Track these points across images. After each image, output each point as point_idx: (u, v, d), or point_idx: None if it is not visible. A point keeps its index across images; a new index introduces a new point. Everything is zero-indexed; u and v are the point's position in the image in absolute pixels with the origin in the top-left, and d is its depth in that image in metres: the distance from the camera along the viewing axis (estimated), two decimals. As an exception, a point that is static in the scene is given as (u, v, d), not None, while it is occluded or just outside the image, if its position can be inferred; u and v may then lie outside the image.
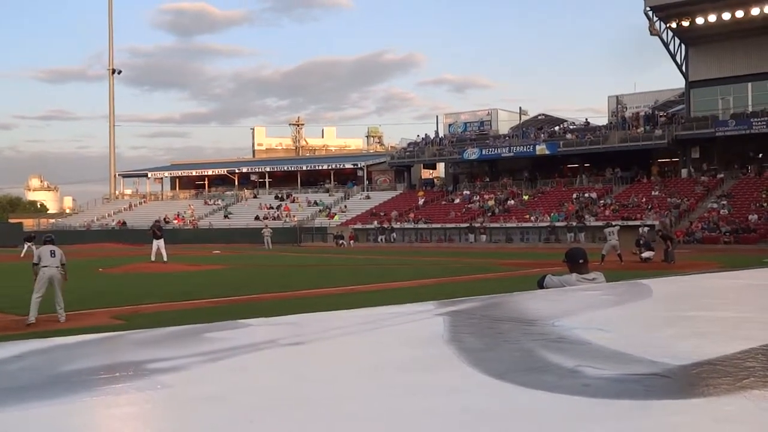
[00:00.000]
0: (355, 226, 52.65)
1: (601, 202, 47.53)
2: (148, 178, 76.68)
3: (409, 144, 64.96)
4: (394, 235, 50.25)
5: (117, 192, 76.67)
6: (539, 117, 63.14)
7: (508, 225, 47.52)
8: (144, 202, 72.73)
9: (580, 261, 5.52)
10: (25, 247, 36.82)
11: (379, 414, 1.14)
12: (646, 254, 24.87)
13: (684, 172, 49.13)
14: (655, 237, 28.92)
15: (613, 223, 32.70)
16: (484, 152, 56.68)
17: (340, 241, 48.27)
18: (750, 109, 47.69)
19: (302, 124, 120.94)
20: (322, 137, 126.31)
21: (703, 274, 4.73)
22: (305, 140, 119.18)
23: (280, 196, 65.02)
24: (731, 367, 1.38)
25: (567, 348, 1.61)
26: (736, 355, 1.46)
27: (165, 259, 27.37)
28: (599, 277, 5.37)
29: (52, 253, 12.06)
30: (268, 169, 70.95)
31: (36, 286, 11.78)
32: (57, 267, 11.95)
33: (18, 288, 17.92)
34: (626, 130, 51.75)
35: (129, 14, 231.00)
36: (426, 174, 67.17)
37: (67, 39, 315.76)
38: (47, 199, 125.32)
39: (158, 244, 28.09)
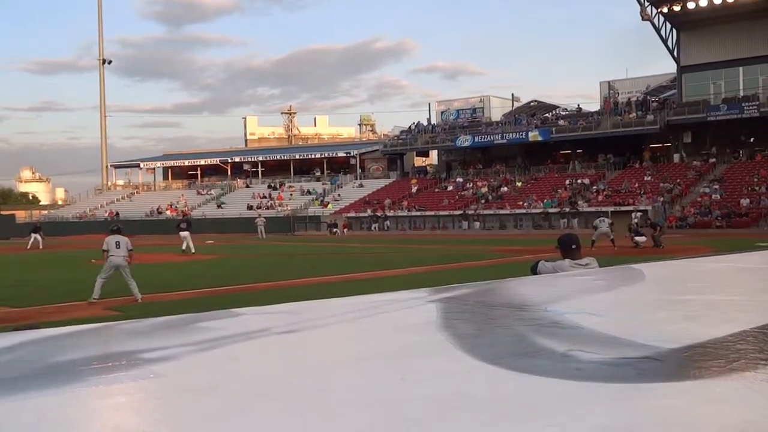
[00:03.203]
0: (349, 215, 52.64)
1: (594, 187, 47.63)
2: (141, 168, 76.39)
3: (401, 132, 64.87)
4: (388, 223, 50.26)
5: (109, 183, 76.37)
6: (531, 103, 63.11)
7: (502, 212, 47.60)
8: (137, 192, 72.49)
9: (573, 247, 5.52)
10: (32, 238, 36.83)
11: (373, 400, 1.14)
12: (638, 239, 25.05)
13: (676, 157, 49.25)
14: (645, 223, 29.11)
15: (608, 213, 32.86)
16: (476, 139, 56.66)
17: (334, 230, 48.29)
18: (741, 93, 47.78)
19: (294, 113, 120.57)
20: (315, 126, 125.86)
21: (695, 258, 4.75)
22: (297, 129, 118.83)
23: (272, 185, 64.89)
24: (722, 350, 1.39)
25: (559, 333, 1.62)
26: (727, 338, 1.47)
27: (183, 248, 27.39)
28: (592, 262, 5.37)
29: (117, 244, 13.45)
30: (260, 159, 70.80)
31: (103, 269, 13.40)
32: (122, 256, 13.36)
33: (10, 279, 17.88)
34: (619, 115, 51.80)
35: (118, 4, 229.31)
36: (419, 162, 67.13)
37: (57, 30, 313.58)
38: (39, 191, 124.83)
39: (184, 235, 28.03)
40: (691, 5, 46.08)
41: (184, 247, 27.44)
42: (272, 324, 1.84)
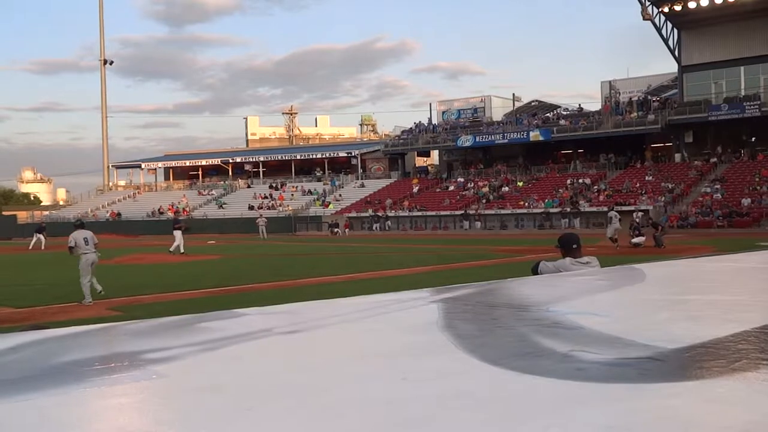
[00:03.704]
0: (350, 215, 52.65)
1: (595, 187, 47.61)
2: (142, 168, 76.48)
3: (402, 132, 64.87)
4: (389, 223, 50.26)
5: (111, 183, 76.41)
6: (533, 103, 63.09)
7: (503, 212, 47.58)
8: (138, 193, 72.51)
9: (574, 246, 5.53)
10: (35, 238, 36.80)
11: (374, 400, 1.15)
12: (636, 240, 24.92)
13: (677, 157, 49.22)
14: (647, 222, 29.04)
15: (615, 208, 32.27)
16: (477, 139, 56.65)
17: (335, 230, 48.30)
18: (742, 93, 47.74)
19: (295, 113, 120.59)
20: (316, 126, 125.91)
21: (697, 257, 4.75)
22: (299, 129, 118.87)
23: (274, 185, 64.89)
24: (724, 350, 1.39)
25: (561, 333, 1.62)
26: (729, 338, 1.47)
27: (181, 250, 27.27)
28: (593, 260, 5.39)
29: (86, 240, 13.30)
30: (261, 159, 70.82)
31: (82, 272, 13.11)
32: (94, 251, 13.35)
33: (13, 280, 17.89)
34: (620, 115, 51.76)
35: (120, 4, 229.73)
36: (420, 162, 67.16)
37: (58, 30, 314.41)
38: (41, 191, 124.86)
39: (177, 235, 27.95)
40: (692, 5, 46.04)
41: (172, 248, 27.28)
42: (275, 324, 1.85)
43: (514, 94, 63.65)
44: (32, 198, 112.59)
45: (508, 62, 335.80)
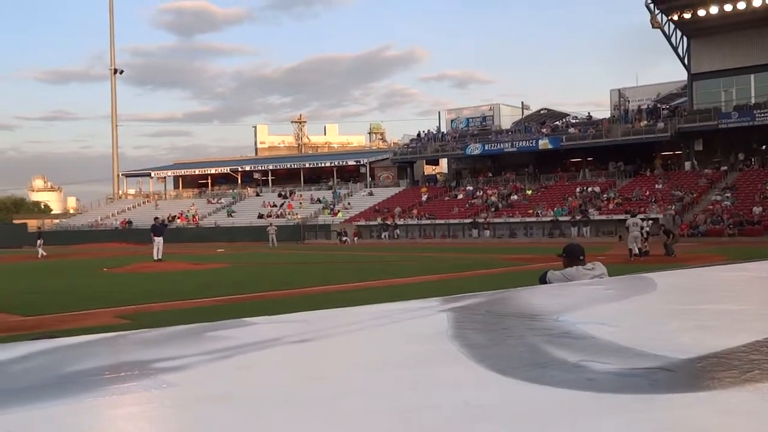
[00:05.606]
0: (359, 223, 52.65)
1: (605, 195, 47.45)
2: (152, 177, 76.75)
3: (411, 140, 64.90)
4: (398, 231, 50.23)
5: (120, 192, 76.76)
6: (542, 111, 63.04)
7: (512, 220, 47.47)
8: (148, 201, 72.81)
9: (581, 257, 5.64)
10: (39, 245, 37.52)
11: (384, 409, 1.14)
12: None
13: (687, 165, 49.02)
14: (658, 230, 28.84)
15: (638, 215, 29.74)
16: (486, 147, 56.61)
17: (344, 238, 48.31)
18: (753, 100, 47.55)
19: (304, 122, 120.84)
20: (325, 134, 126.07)
21: (708, 266, 4.72)
22: (307, 137, 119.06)
23: (283, 193, 65.01)
24: (736, 360, 1.38)
25: (571, 343, 1.61)
26: (741, 348, 1.46)
27: (155, 257, 27.44)
28: (597, 265, 5.49)
29: None
30: (270, 167, 70.95)
31: None
32: None
33: (21, 288, 17.98)
34: (629, 123, 51.65)
35: (130, 14, 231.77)
36: (429, 170, 67.13)
37: (69, 39, 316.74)
38: (51, 200, 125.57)
39: (158, 242, 28.16)
40: (701, 13, 45.93)
41: (156, 255, 27.44)
42: (285, 333, 1.85)
43: (522, 102, 63.72)
44: (43, 206, 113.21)
45: (517, 70, 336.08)
